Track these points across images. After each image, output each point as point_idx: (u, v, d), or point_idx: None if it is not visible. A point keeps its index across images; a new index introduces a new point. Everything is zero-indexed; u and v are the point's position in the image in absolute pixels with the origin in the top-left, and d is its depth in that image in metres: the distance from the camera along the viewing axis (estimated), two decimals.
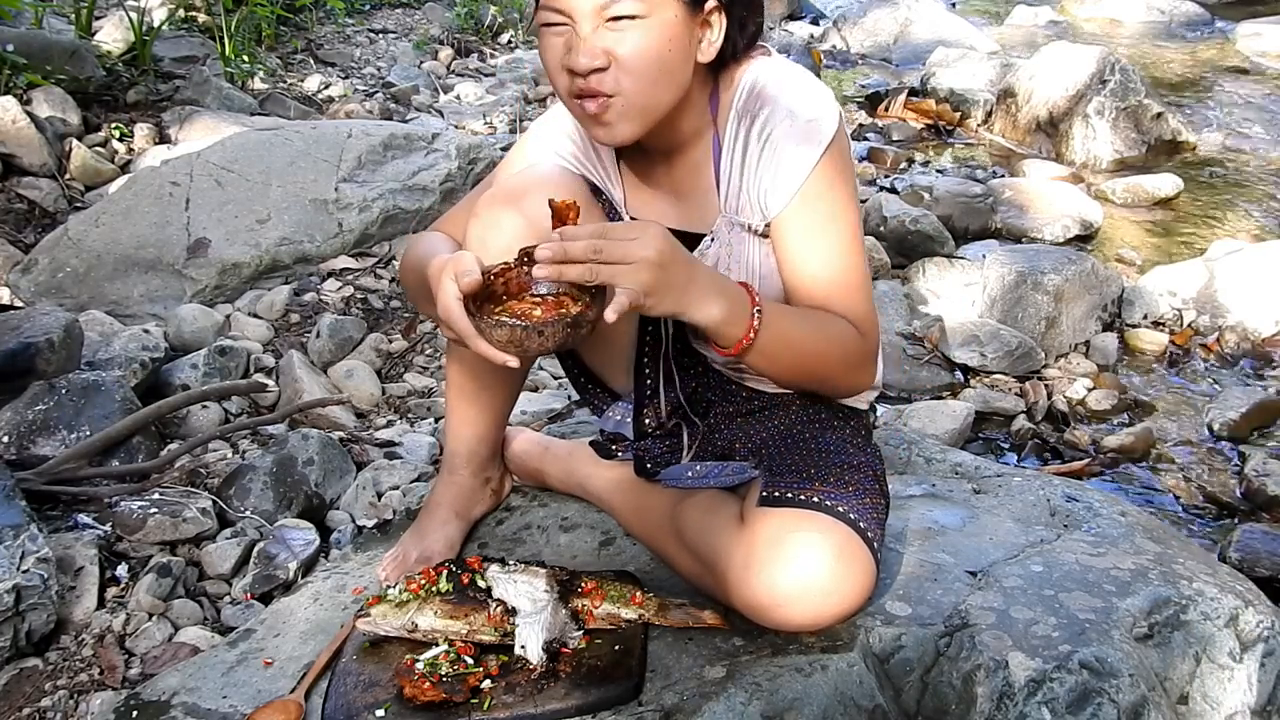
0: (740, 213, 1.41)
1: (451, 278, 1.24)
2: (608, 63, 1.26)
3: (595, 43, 1.26)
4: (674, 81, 1.31)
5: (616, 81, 1.27)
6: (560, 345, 1.25)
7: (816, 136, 1.34)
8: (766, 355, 1.33)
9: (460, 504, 1.69)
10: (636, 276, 1.19)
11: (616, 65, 1.27)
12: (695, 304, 1.25)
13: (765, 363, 1.35)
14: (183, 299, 2.82)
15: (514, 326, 1.22)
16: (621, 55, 1.26)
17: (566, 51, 1.28)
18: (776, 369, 1.38)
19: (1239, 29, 6.43)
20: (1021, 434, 2.66)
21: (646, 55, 1.26)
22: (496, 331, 1.22)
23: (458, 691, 1.28)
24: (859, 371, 1.45)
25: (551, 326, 1.22)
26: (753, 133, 1.37)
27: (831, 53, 6.50)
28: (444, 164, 3.34)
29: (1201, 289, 3.22)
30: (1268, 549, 2.14)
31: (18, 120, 3.27)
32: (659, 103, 1.32)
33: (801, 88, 1.38)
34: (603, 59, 1.26)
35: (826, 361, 1.40)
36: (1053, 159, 4.64)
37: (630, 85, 1.28)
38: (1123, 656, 1.31)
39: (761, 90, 1.37)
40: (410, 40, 5.71)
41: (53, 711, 1.57)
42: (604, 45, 1.26)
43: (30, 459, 2.04)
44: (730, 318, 1.27)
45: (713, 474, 1.49)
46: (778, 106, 1.36)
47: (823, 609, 1.31)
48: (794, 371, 1.40)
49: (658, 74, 1.28)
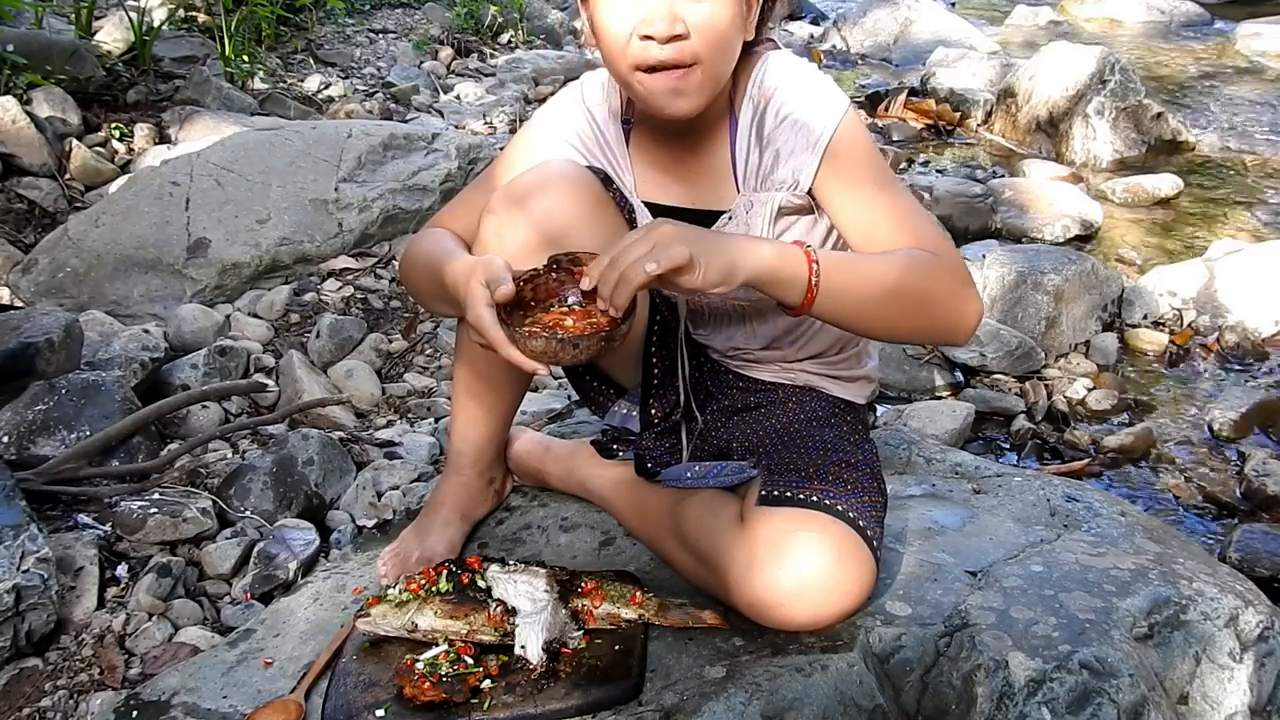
0: (764, 187, 1.42)
1: (481, 283, 1.26)
2: (687, 30, 1.28)
3: (681, 7, 1.27)
4: (734, 54, 1.35)
5: (695, 49, 1.29)
6: (592, 358, 1.27)
7: (832, 105, 1.39)
8: (842, 296, 1.27)
9: (464, 505, 1.69)
10: (670, 251, 1.19)
11: (695, 34, 1.28)
12: (744, 255, 1.23)
13: (845, 305, 1.29)
14: (183, 299, 2.82)
15: (549, 339, 1.23)
16: (697, 23, 1.28)
17: (638, 20, 1.28)
18: (860, 310, 1.31)
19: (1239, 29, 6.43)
20: (1021, 434, 2.66)
21: (719, 25, 1.29)
22: (532, 343, 1.23)
23: (458, 691, 1.28)
24: (955, 296, 1.34)
25: (587, 340, 1.23)
26: (769, 114, 1.40)
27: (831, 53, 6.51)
28: (444, 164, 3.34)
29: (1201, 289, 3.21)
30: (1268, 549, 2.14)
31: (18, 120, 3.27)
32: (724, 75, 1.36)
33: (812, 77, 1.43)
34: (683, 26, 1.28)
35: (912, 291, 1.31)
36: (1053, 159, 4.64)
37: (707, 54, 1.30)
38: (1123, 656, 1.31)
39: (776, 78, 1.41)
40: (410, 40, 5.71)
41: (53, 711, 1.57)
42: (678, 11, 1.27)
43: (30, 459, 2.04)
44: (785, 260, 1.25)
45: (712, 474, 1.49)
46: (791, 90, 1.40)
47: (823, 608, 1.31)
48: (881, 309, 1.31)
49: (726, 45, 1.32)
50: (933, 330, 1.42)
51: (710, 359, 1.62)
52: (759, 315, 1.54)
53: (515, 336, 1.23)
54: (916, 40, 6.43)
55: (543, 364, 1.25)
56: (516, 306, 1.30)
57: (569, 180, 1.44)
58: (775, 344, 1.56)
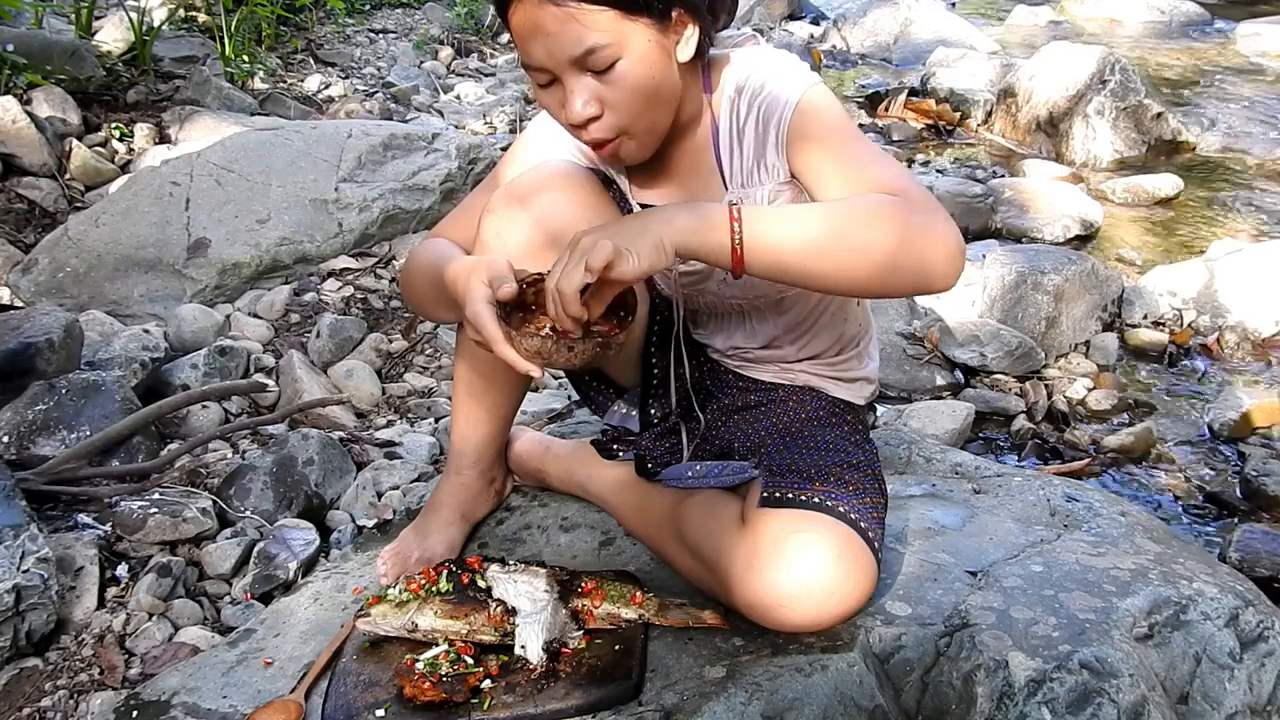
0: (749, 183, 1.41)
1: (482, 281, 1.26)
2: (600, 109, 1.29)
3: (583, 94, 1.27)
4: (666, 98, 1.33)
5: (615, 123, 1.30)
6: (587, 363, 1.27)
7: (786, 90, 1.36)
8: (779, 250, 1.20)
9: (464, 505, 1.69)
10: (594, 253, 1.17)
11: (609, 109, 1.29)
12: (665, 228, 1.20)
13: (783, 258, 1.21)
14: (183, 299, 2.82)
15: (545, 339, 1.24)
16: (611, 98, 1.28)
17: (561, 106, 1.30)
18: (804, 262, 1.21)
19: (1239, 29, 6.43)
20: (1021, 434, 2.66)
21: (634, 89, 1.28)
22: (528, 342, 1.23)
23: (458, 691, 1.28)
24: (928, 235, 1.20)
25: (583, 344, 1.24)
26: (746, 108, 1.39)
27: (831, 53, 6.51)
28: (444, 164, 3.34)
29: (1201, 289, 3.22)
30: (1268, 549, 2.14)
31: (18, 120, 3.27)
32: (662, 122, 1.35)
33: (769, 67, 1.40)
34: (595, 107, 1.28)
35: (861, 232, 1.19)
36: (1053, 159, 4.64)
37: (629, 121, 1.30)
38: (1123, 656, 1.31)
39: (750, 72, 1.40)
40: (410, 40, 5.72)
41: (53, 711, 1.57)
42: (593, 94, 1.28)
43: (30, 459, 2.04)
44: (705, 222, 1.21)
45: (713, 474, 1.49)
46: (753, 86, 1.39)
47: (824, 609, 1.31)
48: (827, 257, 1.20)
49: (650, 101, 1.30)
50: (898, 272, 1.20)
51: (710, 359, 1.62)
52: (758, 314, 1.54)
53: (512, 335, 1.24)
54: (916, 40, 6.43)
55: (537, 365, 1.25)
56: (517, 308, 1.30)
57: (569, 179, 1.44)
58: (775, 343, 1.56)
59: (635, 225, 1.22)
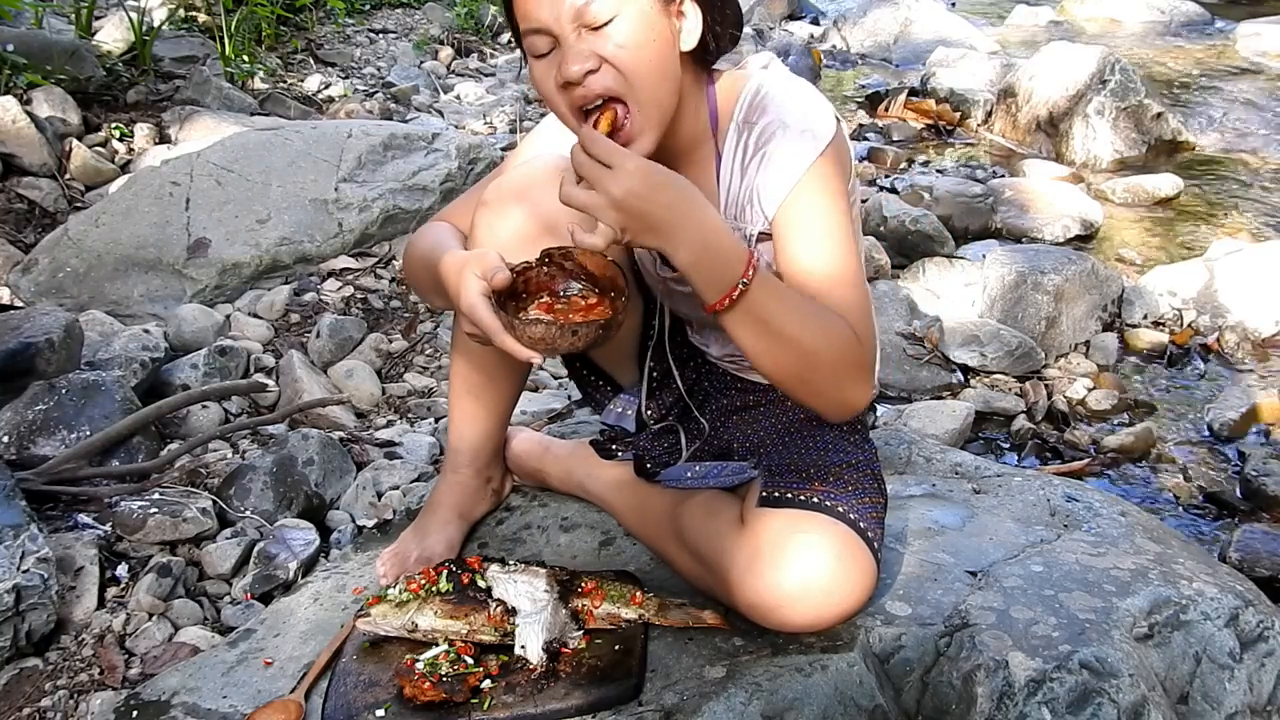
0: (740, 219, 1.40)
1: (475, 274, 1.26)
2: (598, 63, 1.26)
3: (580, 47, 1.26)
4: (666, 72, 1.30)
5: (613, 79, 1.27)
6: (589, 346, 1.27)
7: (812, 138, 1.33)
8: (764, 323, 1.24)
9: (462, 504, 1.69)
10: (606, 215, 1.18)
11: (606, 63, 1.26)
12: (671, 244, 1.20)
13: (758, 331, 1.24)
14: (183, 299, 2.82)
15: (549, 325, 1.23)
16: (609, 53, 1.26)
17: (556, 72, 1.28)
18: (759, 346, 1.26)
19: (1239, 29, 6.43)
20: (1021, 434, 2.66)
21: (631, 47, 1.26)
22: (531, 329, 1.23)
23: (458, 691, 1.28)
24: (852, 380, 1.29)
25: (585, 328, 1.23)
26: (751, 140, 1.36)
27: (831, 53, 6.51)
28: (444, 164, 3.34)
29: (1201, 289, 3.21)
30: (1268, 549, 2.14)
31: (18, 120, 3.27)
32: (665, 100, 1.31)
33: (799, 96, 1.37)
34: (593, 60, 1.26)
35: (817, 356, 1.26)
36: (1053, 159, 4.64)
37: (629, 82, 1.27)
38: (1123, 656, 1.31)
39: (761, 100, 1.37)
40: (410, 40, 5.72)
41: (53, 711, 1.57)
42: (591, 48, 1.26)
43: (30, 459, 2.04)
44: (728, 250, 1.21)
45: (712, 474, 1.49)
46: (776, 114, 1.35)
47: (824, 609, 1.31)
48: (779, 357, 1.26)
49: (649, 66, 1.28)
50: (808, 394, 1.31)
51: (708, 361, 1.62)
52: None
53: (513, 324, 1.23)
54: (916, 40, 6.43)
55: (540, 352, 1.24)
56: (509, 298, 1.30)
57: (560, 174, 1.43)
58: None
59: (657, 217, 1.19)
